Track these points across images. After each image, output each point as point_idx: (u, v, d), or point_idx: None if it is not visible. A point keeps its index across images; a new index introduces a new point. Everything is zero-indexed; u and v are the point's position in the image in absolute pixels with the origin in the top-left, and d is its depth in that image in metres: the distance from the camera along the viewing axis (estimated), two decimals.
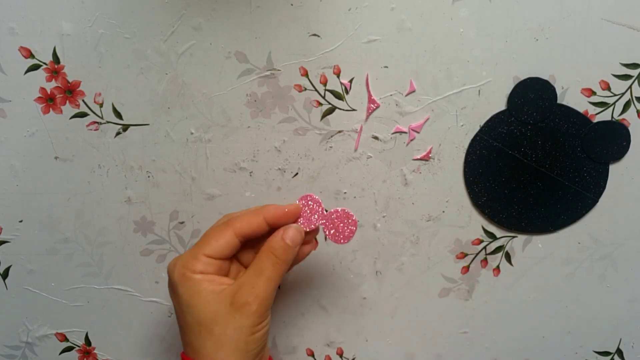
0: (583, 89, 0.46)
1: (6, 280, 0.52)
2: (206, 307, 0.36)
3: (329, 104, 0.47)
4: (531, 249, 0.49)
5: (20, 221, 0.50)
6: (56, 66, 0.47)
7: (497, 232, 0.49)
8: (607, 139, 0.46)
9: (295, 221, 0.40)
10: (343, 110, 0.47)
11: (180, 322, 0.38)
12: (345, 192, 0.49)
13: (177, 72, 0.47)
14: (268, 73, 0.47)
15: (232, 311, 0.35)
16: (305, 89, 0.47)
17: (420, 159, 0.48)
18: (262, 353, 0.38)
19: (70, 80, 0.47)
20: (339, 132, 0.48)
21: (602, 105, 0.46)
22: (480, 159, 0.47)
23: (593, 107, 0.46)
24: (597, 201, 0.48)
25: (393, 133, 0.47)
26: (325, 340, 0.53)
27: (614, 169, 0.47)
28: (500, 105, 0.47)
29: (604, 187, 0.47)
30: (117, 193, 0.49)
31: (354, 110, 0.47)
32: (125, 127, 0.48)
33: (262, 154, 0.48)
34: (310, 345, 0.53)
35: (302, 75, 0.47)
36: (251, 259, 0.39)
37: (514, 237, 0.49)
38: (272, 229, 0.39)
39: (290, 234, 0.38)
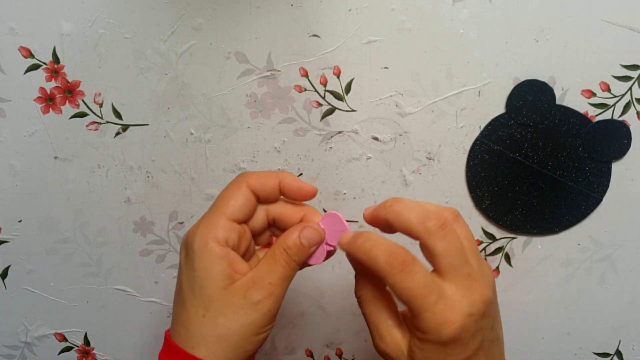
0: (583, 90, 0.46)
1: (5, 280, 0.52)
2: (219, 293, 0.33)
3: (329, 104, 0.47)
4: (531, 250, 0.49)
5: (20, 221, 0.50)
6: (56, 66, 0.47)
7: (497, 233, 0.49)
8: (608, 138, 0.46)
9: (307, 199, 0.36)
10: (343, 111, 0.47)
11: (181, 297, 0.34)
12: (344, 193, 0.49)
13: (177, 72, 0.47)
14: (268, 73, 0.47)
15: (245, 306, 0.33)
16: (305, 90, 0.47)
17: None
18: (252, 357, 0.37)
19: (70, 80, 0.47)
20: (339, 132, 0.48)
21: (602, 106, 0.46)
22: (482, 162, 0.47)
23: (593, 108, 0.46)
24: (601, 200, 0.48)
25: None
26: (324, 341, 0.53)
27: (616, 167, 0.47)
28: (500, 106, 0.47)
29: (607, 186, 0.47)
30: (116, 193, 0.49)
31: (354, 111, 0.47)
32: (125, 127, 0.48)
33: (261, 154, 0.48)
34: (310, 345, 0.53)
35: (302, 75, 0.47)
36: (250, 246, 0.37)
37: (513, 238, 0.49)
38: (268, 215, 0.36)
39: (308, 234, 0.35)
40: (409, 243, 0.32)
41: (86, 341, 0.53)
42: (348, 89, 0.47)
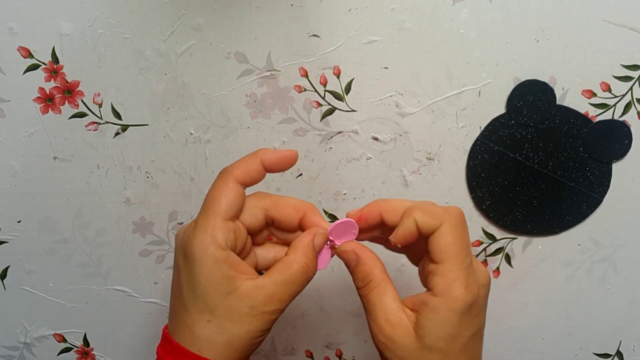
0: (584, 91, 0.46)
1: (4, 281, 0.51)
2: (223, 299, 0.33)
3: (329, 104, 0.47)
4: (531, 251, 0.49)
5: (19, 221, 0.50)
6: (55, 66, 0.47)
7: (497, 233, 0.49)
8: (609, 138, 0.46)
9: (291, 165, 0.36)
10: (343, 111, 0.47)
11: (182, 299, 0.34)
12: (344, 193, 0.49)
13: (177, 72, 0.47)
14: (268, 73, 0.47)
15: (251, 315, 0.33)
16: (305, 90, 0.47)
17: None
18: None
19: (69, 80, 0.47)
20: (339, 133, 0.48)
21: (603, 106, 0.46)
22: (482, 163, 0.47)
23: (594, 108, 0.46)
24: (601, 201, 0.48)
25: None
26: (324, 342, 0.53)
27: (616, 168, 0.47)
28: (501, 106, 0.47)
29: (607, 186, 0.47)
30: (116, 193, 0.49)
31: (353, 111, 0.47)
32: (124, 128, 0.48)
33: None
34: (310, 346, 0.53)
35: (302, 75, 0.46)
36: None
37: (514, 238, 0.49)
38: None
39: (320, 241, 0.35)
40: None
41: (85, 342, 0.53)
42: (348, 89, 0.47)
